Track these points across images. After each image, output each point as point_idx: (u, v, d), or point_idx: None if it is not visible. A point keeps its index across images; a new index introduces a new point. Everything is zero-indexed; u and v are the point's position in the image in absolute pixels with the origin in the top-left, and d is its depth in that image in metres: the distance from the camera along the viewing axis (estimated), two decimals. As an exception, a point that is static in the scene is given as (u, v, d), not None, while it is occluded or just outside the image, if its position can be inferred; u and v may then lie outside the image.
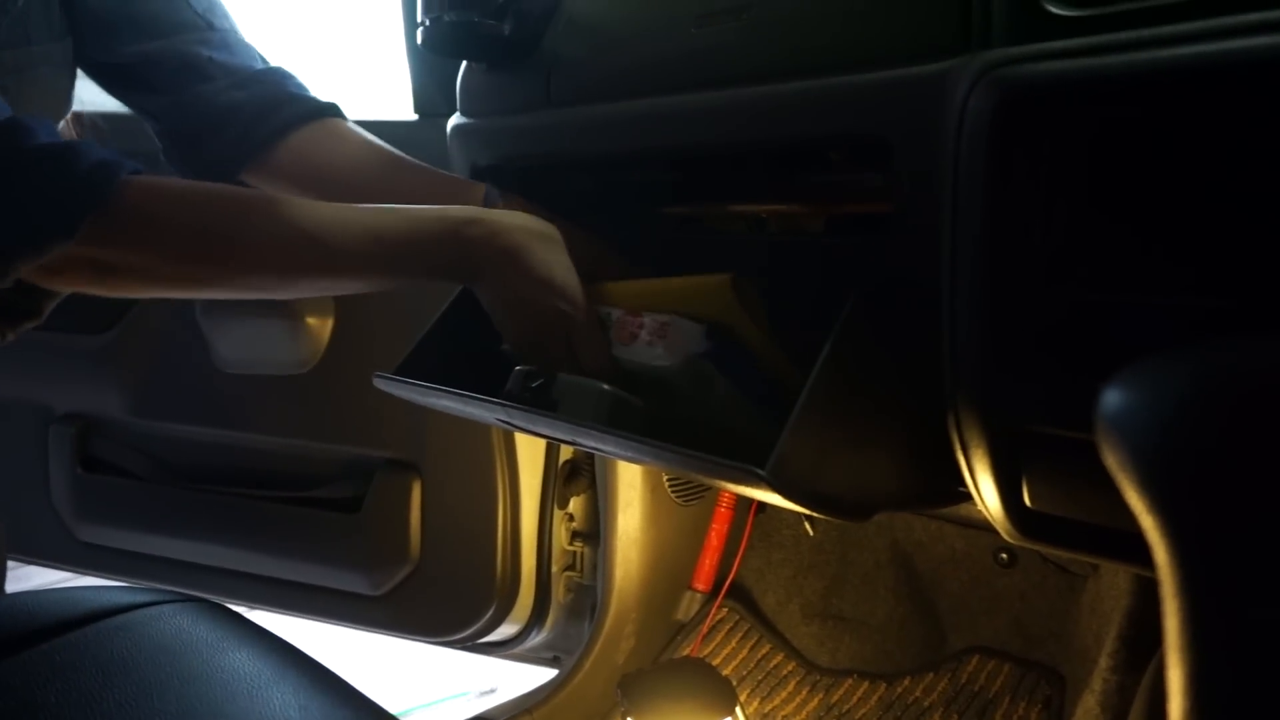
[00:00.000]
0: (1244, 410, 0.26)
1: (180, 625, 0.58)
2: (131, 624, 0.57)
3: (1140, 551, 0.31)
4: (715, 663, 1.21)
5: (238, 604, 1.27)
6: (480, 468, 1.12)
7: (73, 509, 1.34)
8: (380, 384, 0.71)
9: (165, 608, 0.60)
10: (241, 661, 0.55)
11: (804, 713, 1.16)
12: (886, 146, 0.53)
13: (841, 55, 0.55)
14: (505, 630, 1.20)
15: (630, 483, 1.13)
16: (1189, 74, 0.37)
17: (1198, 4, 0.39)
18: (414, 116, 1.18)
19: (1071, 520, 0.51)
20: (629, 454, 0.65)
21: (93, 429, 1.33)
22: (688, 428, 0.64)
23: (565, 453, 1.17)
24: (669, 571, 1.25)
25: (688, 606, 1.28)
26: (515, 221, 0.62)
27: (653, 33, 0.67)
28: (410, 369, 0.71)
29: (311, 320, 1.11)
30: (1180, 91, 0.39)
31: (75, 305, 1.29)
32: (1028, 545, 0.56)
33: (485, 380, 0.67)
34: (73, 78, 0.77)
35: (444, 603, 1.18)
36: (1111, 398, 0.30)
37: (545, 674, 1.23)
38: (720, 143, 0.65)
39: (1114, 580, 0.91)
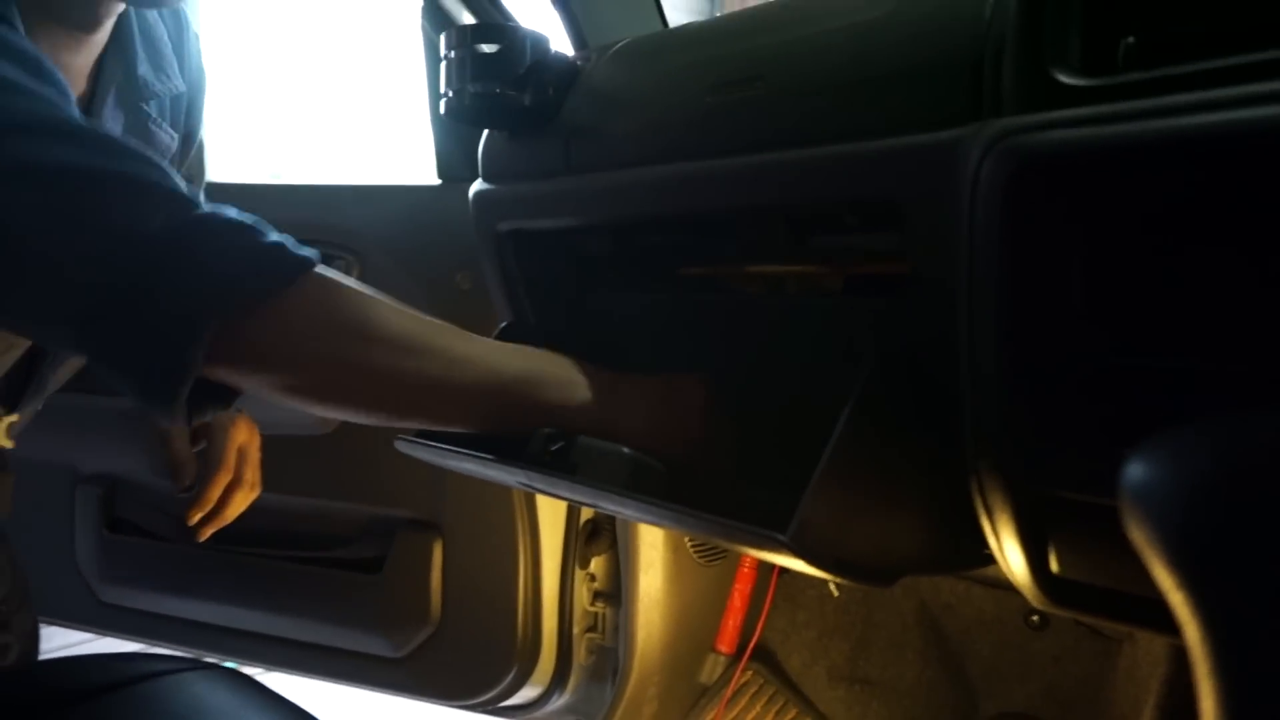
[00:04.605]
0: (1272, 487, 0.25)
1: (198, 693, 0.58)
2: (150, 693, 0.57)
3: (1174, 621, 0.31)
4: (740, 728, 1.18)
5: (257, 666, 1.26)
6: (501, 527, 1.12)
7: (97, 569, 1.34)
8: (402, 447, 0.72)
9: (183, 676, 0.60)
10: (259, 732, 0.54)
11: (832, 782, 1.13)
12: (900, 212, 0.54)
13: (853, 123, 0.56)
14: (527, 693, 1.18)
15: (652, 543, 1.12)
16: (1199, 143, 0.38)
17: (1206, 74, 0.39)
18: (438, 181, 1.21)
19: (1101, 588, 0.50)
20: (649, 518, 0.65)
21: (118, 489, 1.34)
22: (708, 492, 0.64)
23: (586, 512, 1.17)
24: (692, 633, 1.23)
25: (711, 669, 1.26)
26: None
27: (668, 101, 0.68)
28: (431, 432, 0.71)
29: (335, 381, 1.12)
30: (1192, 159, 0.39)
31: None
32: (1057, 612, 0.55)
33: (505, 443, 0.67)
34: None
35: (465, 665, 1.16)
36: (1135, 471, 0.30)
37: (567, 739, 1.20)
38: (735, 207, 0.66)
39: (1150, 646, 0.89)
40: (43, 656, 0.98)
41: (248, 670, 0.67)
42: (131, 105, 0.77)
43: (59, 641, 1.95)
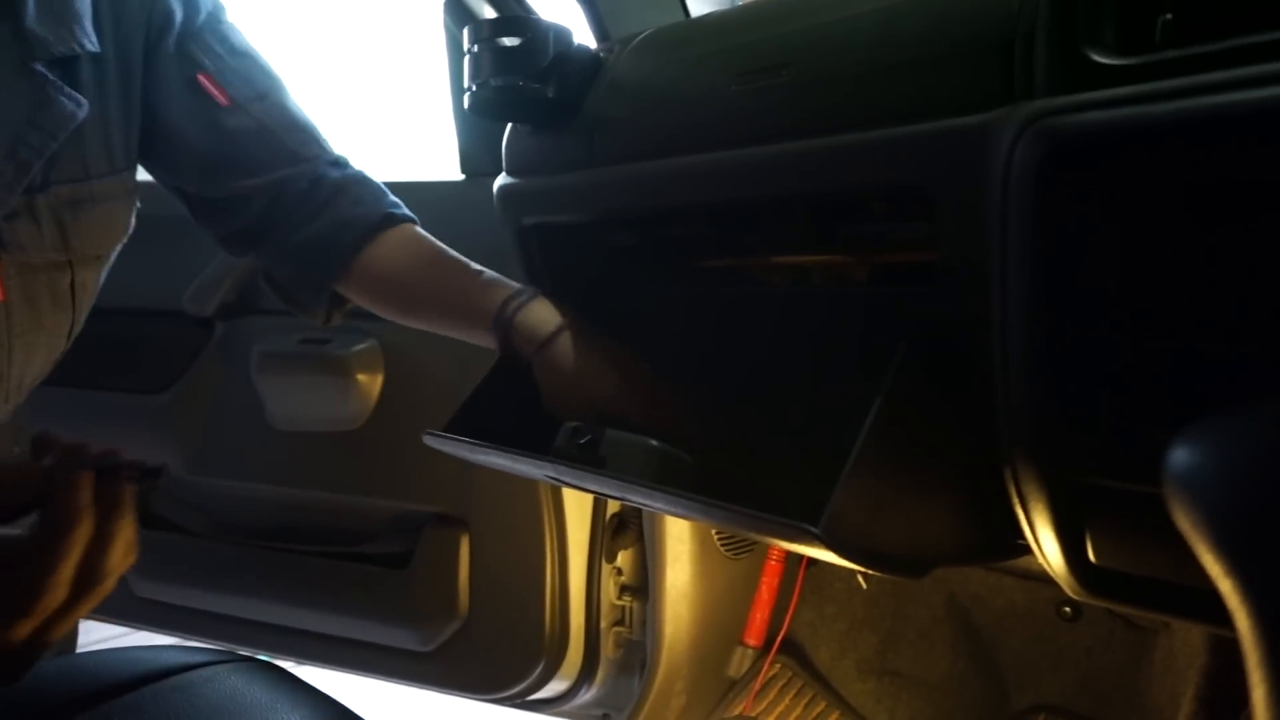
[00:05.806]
0: (1323, 470, 0.24)
1: (235, 686, 0.59)
2: (186, 685, 0.58)
3: (1217, 610, 0.30)
4: (769, 721, 1.18)
5: (289, 660, 1.27)
6: (528, 522, 1.12)
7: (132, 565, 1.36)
8: (430, 441, 0.72)
9: (219, 668, 0.60)
10: (294, 723, 0.55)
11: (862, 775, 1.12)
12: (930, 199, 0.53)
13: (882, 108, 0.55)
14: (555, 687, 1.18)
15: (679, 536, 1.12)
16: (1240, 121, 0.37)
17: (1247, 49, 0.38)
18: (461, 176, 1.21)
19: (1140, 576, 0.49)
20: (678, 510, 0.65)
21: (152, 486, 1.35)
22: (737, 484, 0.63)
23: (613, 506, 1.17)
24: (719, 626, 1.22)
25: (739, 662, 1.25)
26: None
27: (693, 91, 0.68)
28: (459, 426, 0.71)
29: (362, 378, 1.13)
30: (1233, 138, 0.38)
31: (134, 366, 1.33)
32: (1094, 602, 0.54)
33: (533, 436, 0.67)
34: (132, 208, 0.77)
35: (493, 659, 1.17)
36: (1181, 456, 0.29)
37: (596, 732, 1.21)
38: (761, 197, 0.65)
39: (1188, 636, 0.87)
40: (80, 649, 1.00)
41: (281, 663, 0.68)
42: (16, 65, 0.65)
43: (96, 635, 1.98)
